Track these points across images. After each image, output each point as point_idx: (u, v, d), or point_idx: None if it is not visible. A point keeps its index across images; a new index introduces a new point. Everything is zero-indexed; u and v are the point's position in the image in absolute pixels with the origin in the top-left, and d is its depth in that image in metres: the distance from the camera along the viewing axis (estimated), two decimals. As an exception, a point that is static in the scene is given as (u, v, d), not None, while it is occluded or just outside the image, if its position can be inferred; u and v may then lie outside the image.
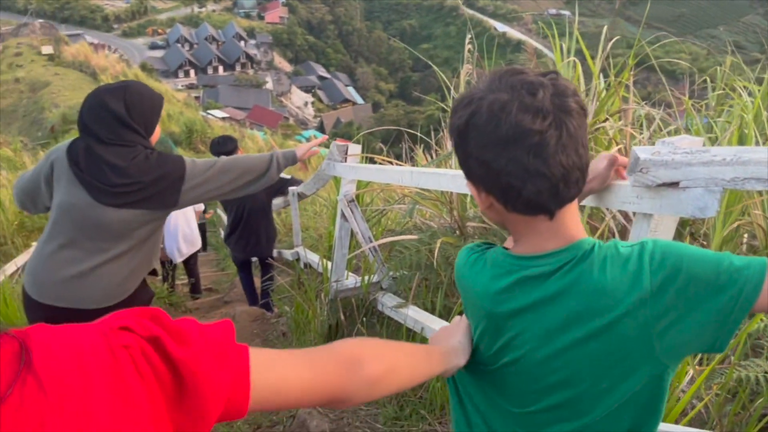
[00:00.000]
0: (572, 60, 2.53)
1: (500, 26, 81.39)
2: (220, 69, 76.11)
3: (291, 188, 4.66)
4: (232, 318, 4.21)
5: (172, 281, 5.46)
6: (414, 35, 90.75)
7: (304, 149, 2.37)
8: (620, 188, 1.19)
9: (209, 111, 42.29)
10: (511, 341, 0.91)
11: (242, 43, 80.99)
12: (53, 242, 1.96)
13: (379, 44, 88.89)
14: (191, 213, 5.39)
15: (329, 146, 3.16)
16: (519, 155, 0.80)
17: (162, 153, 2.02)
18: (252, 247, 4.55)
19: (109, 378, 0.54)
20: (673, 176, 1.08)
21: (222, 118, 36.56)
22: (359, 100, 74.68)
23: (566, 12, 70.95)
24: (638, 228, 1.23)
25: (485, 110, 0.81)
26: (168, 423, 0.59)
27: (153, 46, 78.50)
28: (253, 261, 4.96)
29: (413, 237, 2.77)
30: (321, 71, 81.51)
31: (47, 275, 1.96)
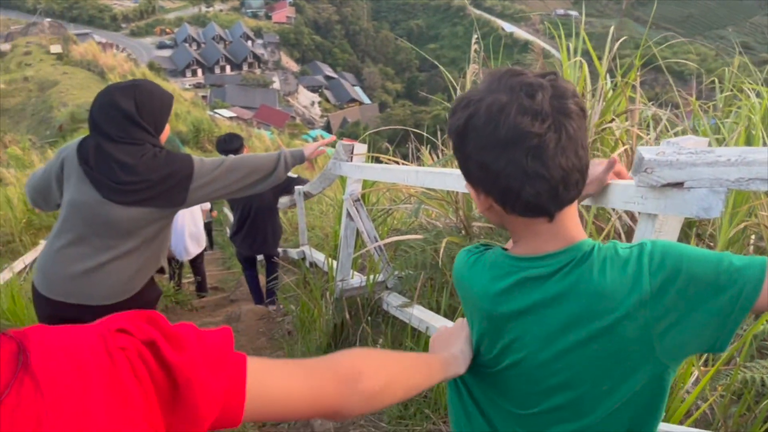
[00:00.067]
0: (579, 60, 2.52)
1: (508, 26, 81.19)
2: (228, 68, 76.25)
3: (297, 187, 4.67)
4: (238, 317, 4.23)
5: (179, 280, 5.49)
6: (421, 35, 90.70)
7: (312, 148, 2.37)
8: (625, 188, 1.19)
9: (216, 110, 42.36)
10: (512, 344, 0.91)
11: (249, 43, 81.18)
12: (62, 239, 1.98)
13: (386, 44, 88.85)
14: (198, 212, 5.41)
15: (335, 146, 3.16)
16: (518, 157, 0.79)
17: (170, 151, 2.03)
18: (258, 245, 4.58)
19: (106, 379, 0.54)
20: (678, 176, 1.08)
21: (229, 118, 36.64)
22: (366, 100, 74.64)
23: (574, 12, 70.65)
24: (643, 228, 1.23)
25: (484, 112, 0.81)
26: (162, 426, 0.59)
27: (161, 46, 78.81)
28: (259, 260, 4.98)
29: (419, 236, 2.77)
30: (328, 71, 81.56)
31: (56, 271, 1.97)
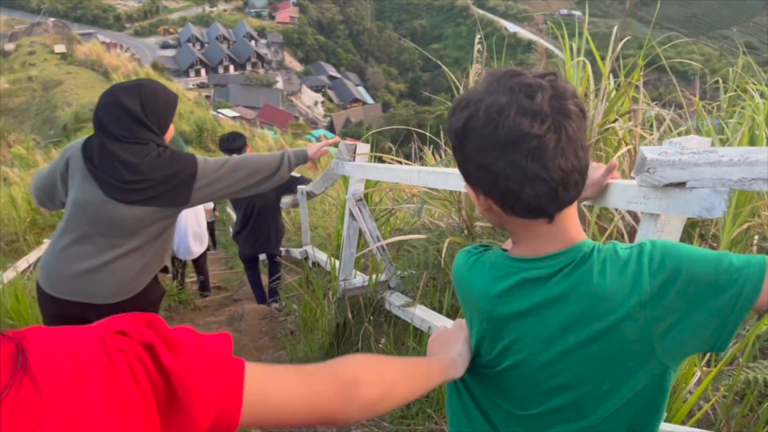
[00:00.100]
0: (582, 60, 2.52)
1: (511, 26, 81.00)
2: (231, 68, 76.34)
3: (300, 187, 4.67)
4: (241, 316, 4.24)
5: (182, 279, 5.50)
6: (424, 35, 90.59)
7: (316, 148, 2.37)
8: (627, 188, 1.19)
9: (220, 110, 42.43)
10: (512, 345, 0.91)
11: (253, 43, 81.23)
12: (67, 237, 1.99)
13: (390, 44, 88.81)
14: (201, 211, 5.42)
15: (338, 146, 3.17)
16: (517, 159, 0.78)
17: (174, 151, 2.03)
18: (261, 244, 4.59)
19: (105, 381, 0.55)
20: (680, 176, 1.08)
21: (232, 117, 36.65)
22: (369, 100, 74.63)
23: (577, 12, 70.49)
24: (645, 228, 1.23)
25: (483, 113, 0.80)
26: (158, 428, 0.59)
27: (164, 46, 78.96)
28: (262, 259, 4.99)
29: (421, 236, 2.77)
30: (331, 71, 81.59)
31: (60, 269, 1.98)
